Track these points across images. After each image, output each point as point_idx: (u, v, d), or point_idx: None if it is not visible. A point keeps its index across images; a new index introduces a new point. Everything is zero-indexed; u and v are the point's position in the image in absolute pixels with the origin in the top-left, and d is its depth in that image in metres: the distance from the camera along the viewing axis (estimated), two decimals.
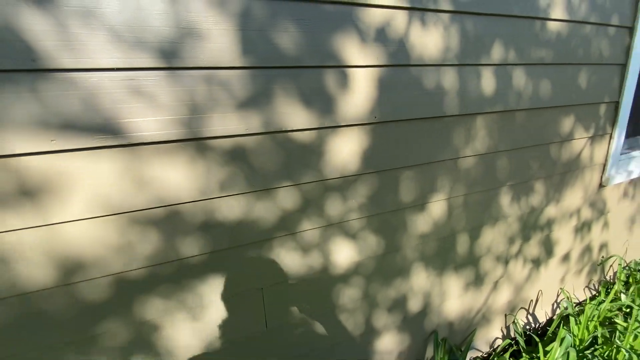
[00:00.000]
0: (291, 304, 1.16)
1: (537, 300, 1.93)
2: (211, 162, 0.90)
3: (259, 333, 1.11)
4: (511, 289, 1.77)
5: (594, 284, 2.21)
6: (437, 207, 1.35)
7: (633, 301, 1.99)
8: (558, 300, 2.04)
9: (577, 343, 1.63)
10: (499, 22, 1.25)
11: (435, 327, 1.56)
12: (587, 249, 2.07)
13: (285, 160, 1.01)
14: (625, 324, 1.70)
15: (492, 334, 1.78)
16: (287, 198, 1.04)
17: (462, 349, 1.63)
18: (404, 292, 1.40)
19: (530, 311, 1.92)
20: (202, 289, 0.99)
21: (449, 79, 1.21)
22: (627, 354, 1.51)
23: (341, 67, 1.01)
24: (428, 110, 1.20)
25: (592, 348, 1.61)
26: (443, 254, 1.45)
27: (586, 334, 1.67)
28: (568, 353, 1.49)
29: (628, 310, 1.97)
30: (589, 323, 1.73)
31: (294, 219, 1.07)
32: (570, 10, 1.40)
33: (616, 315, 1.82)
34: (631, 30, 1.68)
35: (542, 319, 1.98)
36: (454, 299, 1.56)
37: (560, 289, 2.01)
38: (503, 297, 1.75)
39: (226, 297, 1.03)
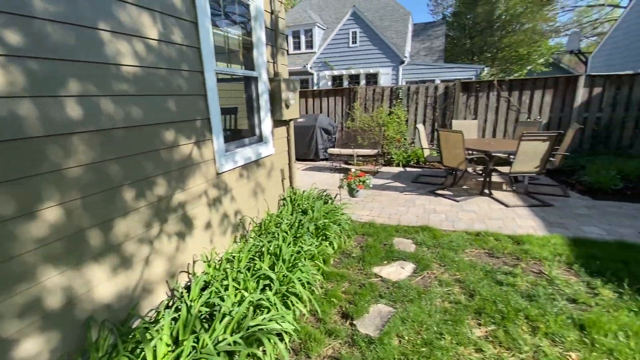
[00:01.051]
0: None
1: (194, 262, 2.65)
2: None
3: None
4: (164, 260, 2.34)
5: (238, 238, 3.29)
6: (51, 212, 1.61)
7: (261, 242, 3.18)
8: (210, 257, 2.88)
9: (210, 279, 2.44)
10: (68, 65, 1.65)
11: (91, 313, 1.83)
12: (225, 216, 3.05)
13: None
14: (239, 255, 2.72)
15: (157, 299, 2.29)
16: None
17: (124, 324, 2.00)
18: (35, 294, 1.56)
19: (190, 271, 2.62)
20: None
21: (25, 107, 1.48)
22: (235, 272, 2.46)
23: None
24: (6, 133, 1.42)
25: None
26: (75, 249, 1.73)
27: (217, 271, 2.54)
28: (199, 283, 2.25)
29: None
30: (217, 263, 2.62)
31: None
32: (139, 59, 2.06)
33: (237, 251, 2.86)
34: (202, 73, 2.65)
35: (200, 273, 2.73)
36: (104, 283, 1.90)
37: (212, 248, 2.86)
38: (159, 269, 2.29)
39: None
